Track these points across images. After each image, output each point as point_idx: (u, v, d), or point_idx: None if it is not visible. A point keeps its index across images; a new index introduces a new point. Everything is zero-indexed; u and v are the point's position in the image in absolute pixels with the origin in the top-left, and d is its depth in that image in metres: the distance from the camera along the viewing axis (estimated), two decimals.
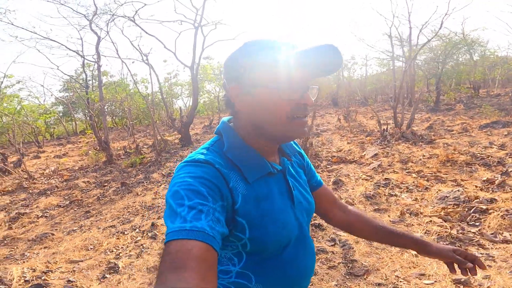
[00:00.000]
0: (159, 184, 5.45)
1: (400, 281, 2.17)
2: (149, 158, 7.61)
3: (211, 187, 0.56)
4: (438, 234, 2.73)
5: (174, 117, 9.71)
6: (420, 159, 5.04)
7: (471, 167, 4.44)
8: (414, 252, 2.49)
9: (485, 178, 3.93)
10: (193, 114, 9.13)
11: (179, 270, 0.43)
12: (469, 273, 0.80)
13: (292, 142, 0.80)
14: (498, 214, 2.92)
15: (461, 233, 2.74)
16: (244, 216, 0.61)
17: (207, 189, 0.55)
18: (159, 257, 2.37)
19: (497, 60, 16.32)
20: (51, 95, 17.59)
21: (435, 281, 2.12)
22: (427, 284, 2.12)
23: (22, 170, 6.62)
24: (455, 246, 0.84)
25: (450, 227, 2.83)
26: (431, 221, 3.02)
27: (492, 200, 3.25)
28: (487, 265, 2.24)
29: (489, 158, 4.71)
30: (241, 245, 0.63)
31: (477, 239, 2.61)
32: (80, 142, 12.59)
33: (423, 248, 0.85)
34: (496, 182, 3.74)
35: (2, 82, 10.77)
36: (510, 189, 3.54)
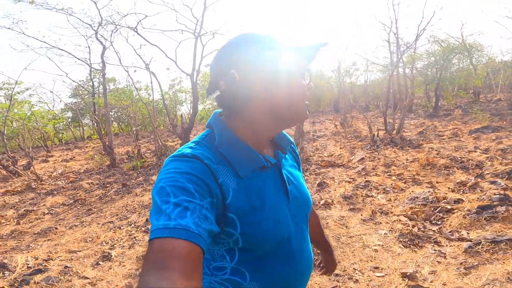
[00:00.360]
0: None
1: (356, 273, 2.43)
2: (150, 162, 7.99)
3: (199, 183, 0.55)
4: (401, 232, 2.99)
5: (176, 123, 10.10)
6: (403, 163, 5.29)
7: (449, 170, 4.67)
8: (374, 248, 2.78)
9: (459, 181, 4.17)
10: (193, 120, 9.49)
11: (162, 269, 0.43)
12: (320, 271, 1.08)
13: (286, 135, 0.80)
14: (461, 213, 3.16)
15: (422, 230, 2.99)
16: (235, 211, 0.60)
17: (194, 186, 0.54)
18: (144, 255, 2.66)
19: (499, 65, 16.40)
20: (60, 101, 18.25)
21: (386, 274, 2.37)
22: (378, 276, 2.36)
23: (31, 172, 7.05)
24: (412, 243, 1.17)
25: (413, 225, 3.08)
26: (398, 219, 3.28)
27: (458, 201, 3.50)
28: (437, 262, 2.46)
29: (469, 161, 4.94)
30: (233, 242, 0.62)
31: (435, 237, 2.85)
32: (87, 147, 13.08)
33: (326, 252, 1.05)
34: (469, 184, 3.98)
35: (13, 89, 11.33)
36: (480, 190, 3.78)
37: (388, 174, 4.89)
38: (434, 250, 2.64)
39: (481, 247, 2.55)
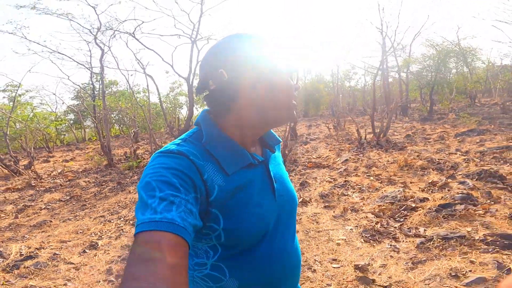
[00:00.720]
0: None
1: (316, 264, 2.64)
2: (146, 162, 8.28)
3: (184, 178, 0.56)
4: (365, 227, 3.22)
5: (173, 125, 10.42)
6: (384, 164, 5.53)
7: (424, 171, 4.90)
8: (338, 241, 3.02)
9: (431, 181, 4.40)
10: (189, 123, 9.80)
11: (148, 261, 0.43)
12: None
13: (274, 134, 0.81)
14: (423, 211, 3.39)
15: (384, 227, 3.22)
16: (218, 207, 0.60)
17: (180, 180, 0.55)
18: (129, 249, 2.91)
19: (498, 69, 16.51)
20: (63, 103, 18.69)
21: (341, 266, 2.58)
22: (334, 267, 2.58)
23: (31, 171, 7.36)
24: (373, 239, 1.11)
25: (377, 222, 3.32)
26: (365, 216, 3.52)
27: (424, 199, 3.73)
28: (390, 256, 2.64)
29: (446, 163, 5.17)
30: (215, 237, 0.62)
31: (395, 233, 3.07)
32: (87, 148, 13.43)
33: None
34: (439, 184, 4.21)
35: (17, 91, 11.70)
36: (448, 190, 4.01)
37: (367, 174, 5.13)
38: (390, 245, 2.82)
39: (432, 243, 2.72)
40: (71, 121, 18.80)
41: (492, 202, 3.42)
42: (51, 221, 4.04)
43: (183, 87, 18.39)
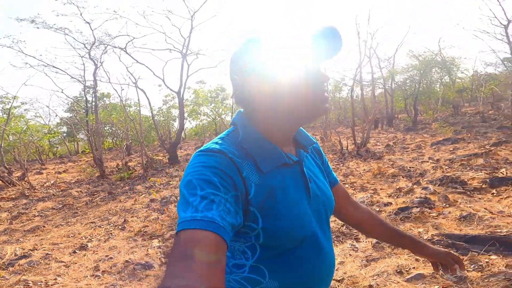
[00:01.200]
0: (141, 194, 6.36)
1: None
2: (137, 174, 8.56)
3: (224, 177, 0.57)
4: (332, 230, 3.56)
5: (164, 138, 10.76)
6: (360, 173, 5.90)
7: (395, 178, 5.29)
8: None
9: (398, 187, 4.77)
10: (180, 136, 10.16)
11: (188, 260, 0.44)
12: (450, 271, 0.91)
13: (308, 135, 0.81)
14: (385, 214, 3.75)
15: (349, 229, 3.55)
16: (257, 206, 0.61)
17: (220, 179, 0.56)
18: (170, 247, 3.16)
19: (481, 77, 17.05)
20: (56, 116, 18.95)
21: None
22: None
23: (25, 182, 7.60)
24: (337, 240, 0.87)
25: (342, 225, 3.65)
26: (334, 220, 3.85)
27: (388, 204, 4.09)
28: (349, 254, 2.91)
29: (416, 170, 5.57)
30: (254, 236, 0.63)
31: (357, 234, 3.39)
32: (80, 161, 13.64)
33: (420, 249, 0.91)
34: (405, 190, 4.59)
35: (11, 104, 11.97)
36: (411, 194, 4.38)
37: (343, 182, 5.49)
38: (351, 245, 3.09)
39: (386, 243, 3.07)
40: (64, 134, 18.98)
41: (447, 205, 3.80)
42: (44, 227, 4.31)
43: (176, 100, 18.78)
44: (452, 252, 0.91)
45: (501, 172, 4.75)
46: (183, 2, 8.99)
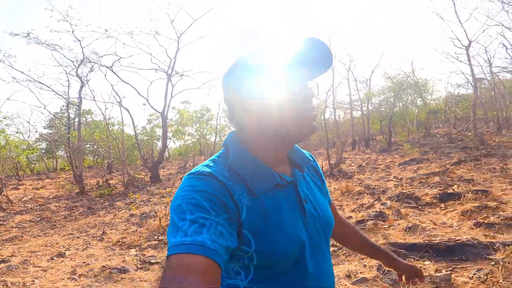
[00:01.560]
0: (121, 209, 6.52)
1: None
2: (118, 191, 8.69)
3: (214, 200, 0.56)
4: None
5: (146, 157, 10.97)
6: (330, 191, 6.33)
7: (360, 196, 5.74)
8: None
9: (361, 203, 5.21)
10: (162, 155, 10.40)
11: (180, 285, 0.44)
12: (411, 283, 0.98)
13: (306, 153, 0.81)
14: None
15: None
16: (249, 228, 0.60)
17: (210, 203, 0.56)
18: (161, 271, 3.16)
19: (453, 98, 17.91)
20: (35, 132, 18.73)
21: None
22: None
23: (2, 195, 7.60)
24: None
25: None
26: None
27: (348, 218, 4.50)
28: None
29: (379, 188, 6.05)
30: (248, 258, 0.62)
31: None
32: (58, 177, 13.52)
33: (391, 262, 0.96)
34: (366, 205, 5.02)
35: None
36: (371, 209, 4.81)
37: None
38: None
39: (341, 251, 3.29)
40: (43, 150, 18.70)
41: (398, 218, 4.24)
42: (22, 236, 4.44)
43: (161, 120, 18.97)
44: (416, 266, 0.99)
45: (452, 189, 5.28)
46: (170, 23, 9.53)
